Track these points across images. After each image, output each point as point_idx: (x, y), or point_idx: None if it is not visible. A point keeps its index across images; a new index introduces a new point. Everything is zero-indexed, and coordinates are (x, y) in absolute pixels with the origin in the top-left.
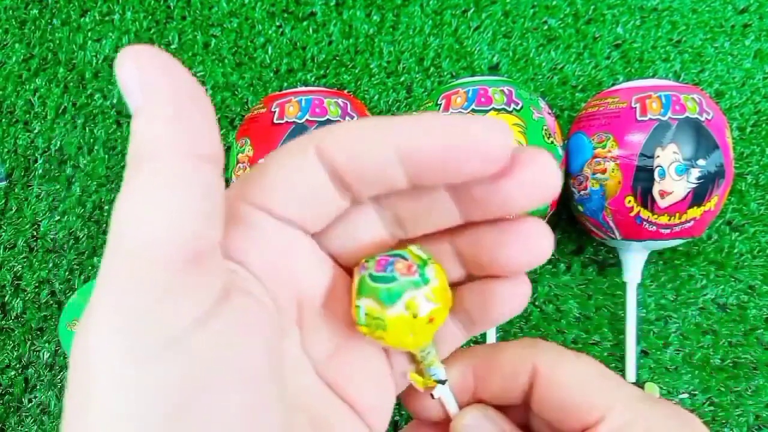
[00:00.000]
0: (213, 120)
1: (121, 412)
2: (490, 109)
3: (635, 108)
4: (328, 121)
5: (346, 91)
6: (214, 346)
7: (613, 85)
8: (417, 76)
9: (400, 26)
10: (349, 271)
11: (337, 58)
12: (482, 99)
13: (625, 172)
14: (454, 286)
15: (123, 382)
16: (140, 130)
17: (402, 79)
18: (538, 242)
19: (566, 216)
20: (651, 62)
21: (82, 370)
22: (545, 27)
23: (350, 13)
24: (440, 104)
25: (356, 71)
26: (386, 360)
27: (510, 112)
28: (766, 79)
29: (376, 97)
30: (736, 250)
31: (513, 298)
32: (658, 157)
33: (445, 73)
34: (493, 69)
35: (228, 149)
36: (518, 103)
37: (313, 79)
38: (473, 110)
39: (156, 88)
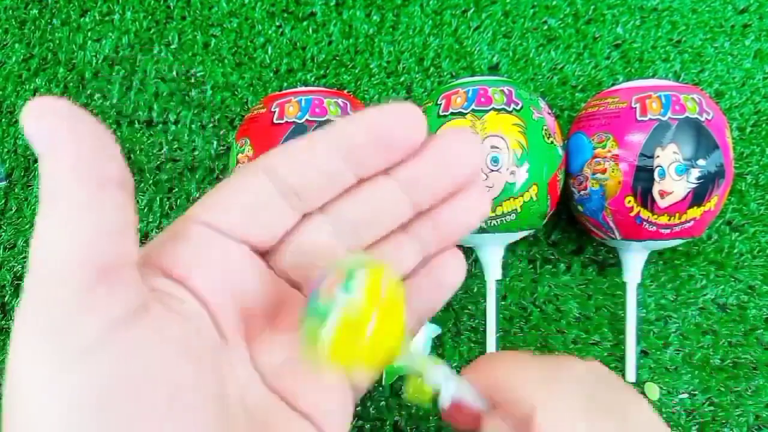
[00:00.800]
0: (115, 150)
1: (44, 420)
2: (490, 109)
3: (635, 108)
4: (328, 121)
5: (346, 91)
6: (125, 356)
7: (613, 85)
8: (417, 76)
9: (400, 26)
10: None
11: (337, 58)
12: (482, 99)
13: (625, 172)
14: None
15: (42, 395)
16: (46, 171)
17: (402, 79)
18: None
19: (566, 216)
20: (651, 62)
21: (10, 386)
22: (545, 27)
23: (350, 13)
24: (440, 104)
25: (356, 71)
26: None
27: (510, 112)
28: (766, 79)
29: (376, 97)
30: (736, 250)
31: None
32: (658, 157)
33: (445, 73)
34: (493, 69)
35: (228, 149)
36: (518, 103)
37: (313, 79)
38: (473, 110)
39: (56, 133)
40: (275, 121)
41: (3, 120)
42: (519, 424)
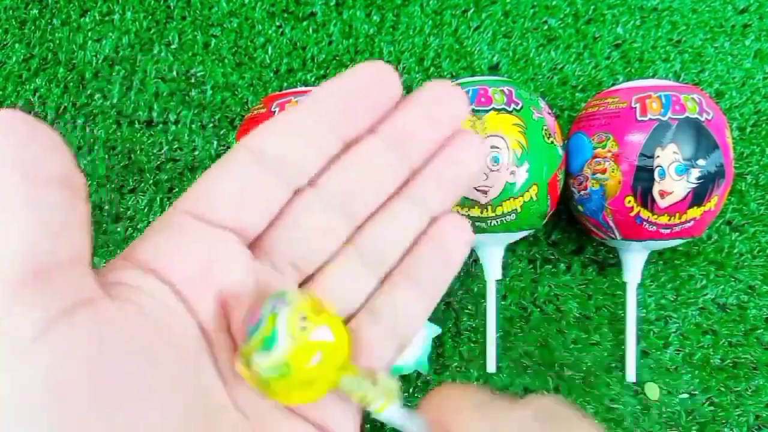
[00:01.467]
0: (59, 147)
1: None
2: (490, 109)
3: (635, 108)
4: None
5: None
6: (61, 354)
7: (613, 85)
8: (417, 76)
9: (400, 26)
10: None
11: (337, 58)
12: (482, 99)
13: (625, 172)
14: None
15: None
16: None
17: (402, 79)
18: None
19: (566, 216)
20: (651, 62)
21: None
22: (545, 27)
23: (350, 13)
24: None
25: None
26: None
27: (510, 112)
28: (766, 79)
29: None
30: (736, 250)
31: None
32: (658, 157)
33: (445, 73)
34: (493, 69)
35: (228, 149)
36: (518, 103)
37: (313, 79)
38: (473, 110)
39: None
40: None
41: None
42: None
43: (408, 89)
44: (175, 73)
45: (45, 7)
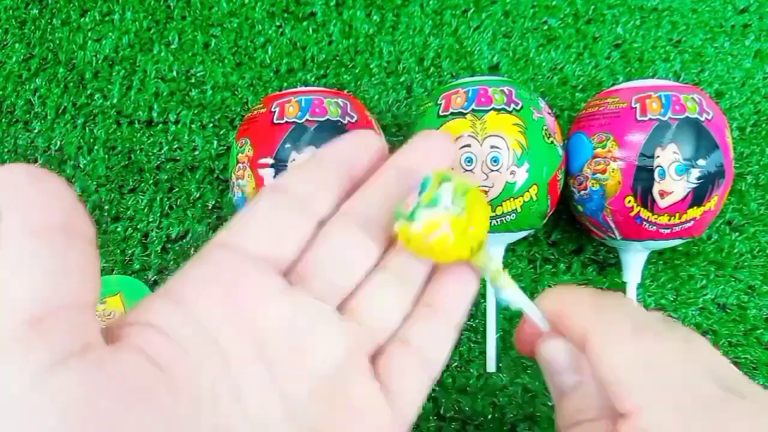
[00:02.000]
0: (63, 197)
1: None
2: (490, 109)
3: (635, 108)
4: (328, 121)
5: (346, 91)
6: (56, 403)
7: (613, 85)
8: (417, 76)
9: (400, 26)
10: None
11: (337, 58)
12: (482, 99)
13: (625, 172)
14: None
15: None
16: None
17: (402, 79)
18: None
19: (566, 216)
20: (651, 62)
21: None
22: (545, 27)
23: (350, 13)
24: (440, 104)
25: (356, 71)
26: (382, 404)
27: (510, 112)
28: (766, 79)
29: (376, 97)
30: (736, 250)
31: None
32: (658, 157)
33: (445, 73)
34: (493, 69)
35: (228, 149)
36: (518, 103)
37: (313, 79)
38: (473, 110)
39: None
40: (275, 121)
41: (3, 120)
42: (578, 348)
43: (408, 89)
44: (175, 73)
45: (45, 7)
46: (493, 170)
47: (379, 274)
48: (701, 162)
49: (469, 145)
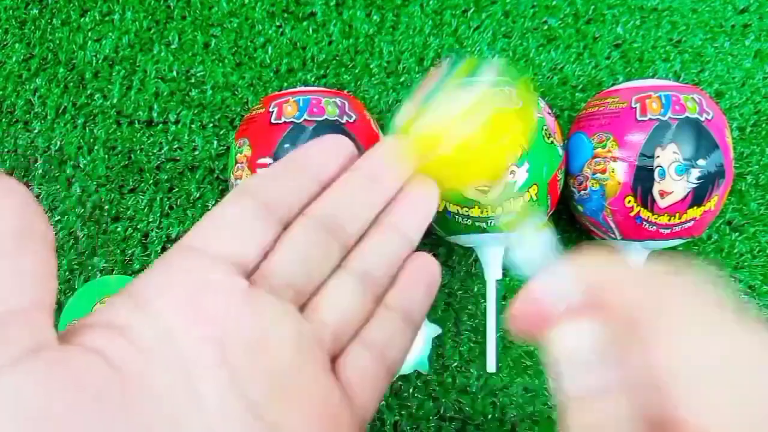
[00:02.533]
0: (16, 199)
1: None
2: None
3: (635, 108)
4: (326, 121)
5: (346, 91)
6: (10, 403)
7: (613, 85)
8: (417, 76)
9: (400, 26)
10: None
11: (337, 58)
12: None
13: (625, 172)
14: None
15: None
16: None
17: (402, 79)
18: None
19: (566, 216)
20: (651, 62)
21: None
22: (545, 27)
23: (350, 13)
24: None
25: (356, 71)
26: (340, 401)
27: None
28: (766, 79)
29: (376, 97)
30: (736, 250)
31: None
32: (658, 157)
33: None
34: None
35: (228, 149)
36: (518, 103)
37: (313, 79)
38: None
39: None
40: (273, 121)
41: (3, 120)
42: (622, 331)
43: (408, 89)
44: (175, 73)
45: (45, 7)
46: None
47: (341, 274)
48: (701, 162)
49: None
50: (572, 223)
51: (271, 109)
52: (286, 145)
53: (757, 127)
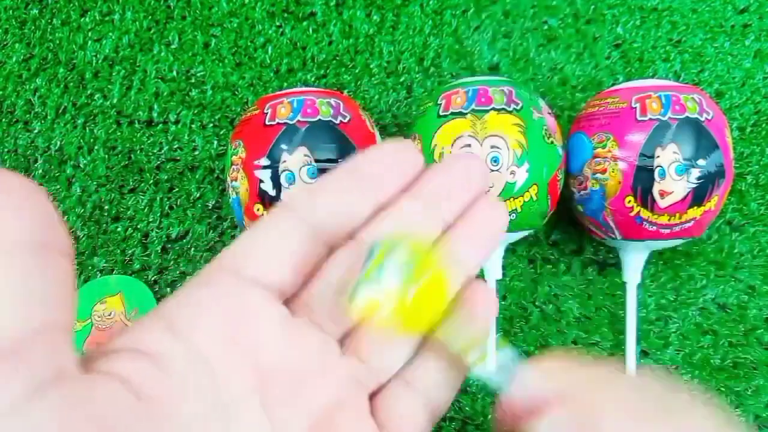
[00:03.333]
0: (34, 208)
1: None
2: (490, 109)
3: (635, 108)
4: (320, 121)
5: (345, 92)
6: None
7: (613, 85)
8: (417, 76)
9: (400, 26)
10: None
11: (337, 58)
12: (482, 99)
13: (625, 172)
14: None
15: None
16: None
17: (402, 79)
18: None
19: (566, 216)
20: (651, 62)
21: None
22: (545, 27)
23: (350, 13)
24: (440, 104)
25: (356, 71)
26: None
27: (510, 112)
28: (766, 79)
29: (376, 97)
30: (736, 250)
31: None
32: (658, 157)
33: (445, 73)
34: (493, 69)
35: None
36: (518, 103)
37: (313, 79)
38: (473, 110)
39: None
40: (267, 122)
41: (3, 120)
42: (581, 420)
43: (408, 89)
44: (175, 73)
45: (45, 7)
46: (493, 170)
47: None
48: (701, 162)
49: (469, 145)
50: (572, 223)
51: (265, 111)
52: (280, 146)
53: (757, 127)
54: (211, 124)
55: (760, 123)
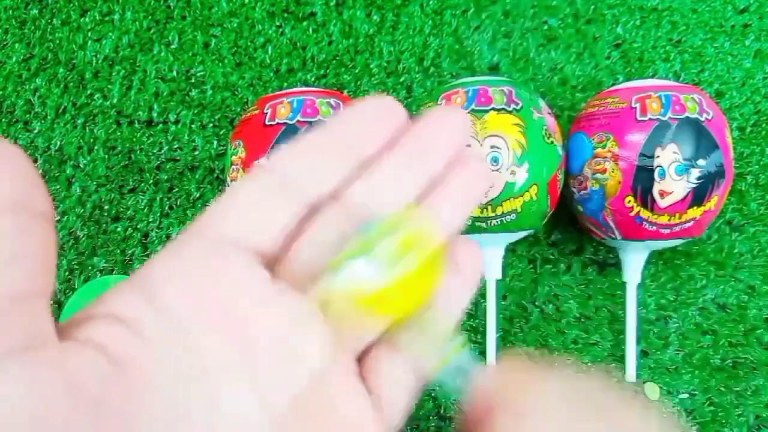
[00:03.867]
0: (14, 170)
1: None
2: (490, 109)
3: (635, 108)
4: (319, 122)
5: (345, 92)
6: (4, 405)
7: (613, 85)
8: (417, 76)
9: (400, 26)
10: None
11: (337, 58)
12: (482, 99)
13: (625, 172)
14: None
15: None
16: None
17: (402, 79)
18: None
19: (566, 216)
20: (651, 62)
21: None
22: (545, 27)
23: (350, 13)
24: (440, 104)
25: (356, 71)
26: (368, 413)
27: (510, 112)
28: (766, 79)
29: None
30: (736, 250)
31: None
32: (658, 157)
33: (445, 73)
34: (493, 69)
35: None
36: (518, 103)
37: (313, 79)
38: (473, 110)
39: None
40: (267, 122)
41: (3, 120)
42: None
43: (408, 89)
44: (175, 73)
45: (45, 7)
46: (493, 170)
47: None
48: (701, 162)
49: (468, 145)
50: (572, 223)
51: (265, 111)
52: (281, 146)
53: (757, 127)
54: (211, 124)
55: (760, 123)
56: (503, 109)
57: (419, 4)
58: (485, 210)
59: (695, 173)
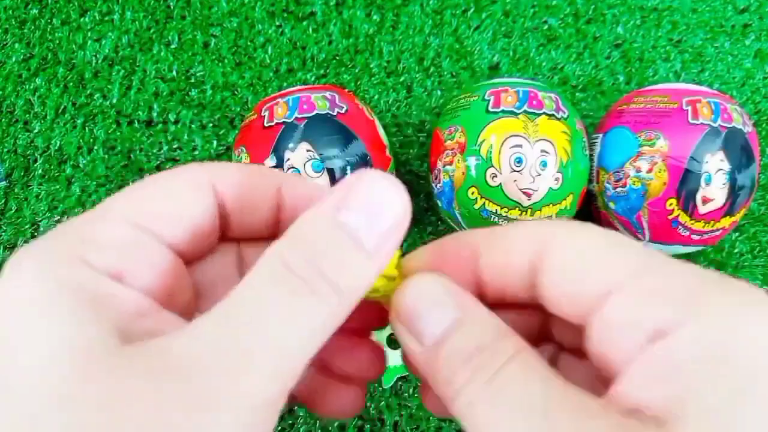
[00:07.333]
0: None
1: None
2: (541, 113)
3: (687, 110)
4: (318, 115)
5: (345, 91)
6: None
7: (613, 84)
8: (417, 75)
9: (400, 26)
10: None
11: (337, 57)
12: (534, 101)
13: (672, 174)
14: None
15: None
16: None
17: (402, 78)
18: None
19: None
20: (651, 62)
21: None
22: (545, 27)
23: (350, 12)
24: (488, 99)
25: (356, 71)
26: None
27: (559, 119)
28: (766, 79)
29: (376, 97)
30: (736, 250)
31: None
32: (707, 162)
33: (445, 73)
34: (494, 69)
35: (228, 149)
36: (565, 112)
37: (313, 78)
38: (526, 111)
39: None
40: (266, 124)
41: (3, 120)
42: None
43: (408, 88)
44: (175, 73)
45: (45, 7)
46: (540, 174)
47: None
48: (742, 173)
49: (520, 146)
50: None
51: (263, 114)
52: (281, 146)
53: (758, 127)
54: (211, 124)
55: (761, 123)
56: (553, 115)
57: (419, 3)
58: (524, 213)
59: (736, 184)
